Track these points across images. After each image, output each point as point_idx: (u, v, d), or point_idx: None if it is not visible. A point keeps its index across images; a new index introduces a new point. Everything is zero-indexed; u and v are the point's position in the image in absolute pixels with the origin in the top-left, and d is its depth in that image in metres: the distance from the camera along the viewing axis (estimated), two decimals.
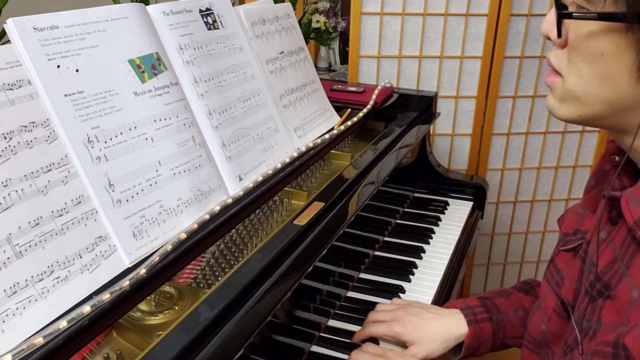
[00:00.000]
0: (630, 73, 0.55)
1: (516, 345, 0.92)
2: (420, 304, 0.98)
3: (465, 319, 0.91)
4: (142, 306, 0.74)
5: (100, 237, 0.66)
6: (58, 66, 0.67)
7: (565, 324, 0.71)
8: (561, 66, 0.61)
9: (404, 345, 0.92)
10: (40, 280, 0.59)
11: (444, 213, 1.38)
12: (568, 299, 0.70)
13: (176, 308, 0.75)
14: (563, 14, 0.58)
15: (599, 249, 0.64)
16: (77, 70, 0.68)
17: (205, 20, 0.93)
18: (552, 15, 0.60)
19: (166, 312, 0.74)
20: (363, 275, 1.12)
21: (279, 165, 0.97)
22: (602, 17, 0.54)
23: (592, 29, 0.56)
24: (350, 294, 1.07)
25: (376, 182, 1.07)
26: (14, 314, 0.56)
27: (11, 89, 0.62)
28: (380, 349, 0.88)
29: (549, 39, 0.62)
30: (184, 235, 0.74)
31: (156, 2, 0.90)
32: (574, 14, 0.57)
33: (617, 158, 0.68)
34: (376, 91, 1.35)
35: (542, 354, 0.78)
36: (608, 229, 0.65)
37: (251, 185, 0.89)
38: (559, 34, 0.60)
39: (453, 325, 0.91)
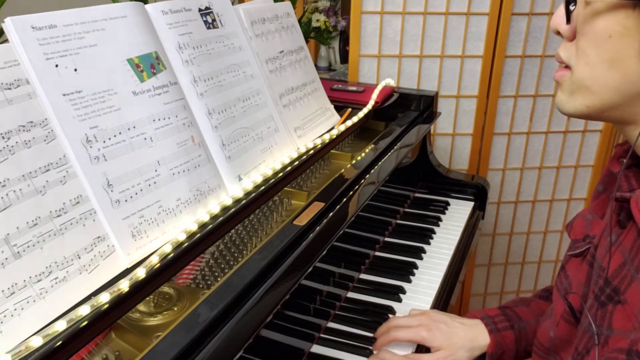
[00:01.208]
0: (638, 55, 0.55)
1: None
2: (439, 311, 0.97)
3: (486, 328, 0.90)
4: (141, 307, 0.74)
5: (98, 237, 0.66)
6: (56, 65, 0.66)
7: (573, 329, 0.71)
8: (570, 58, 0.61)
9: (409, 347, 0.91)
10: (39, 281, 0.59)
11: (444, 213, 1.38)
12: (575, 304, 0.70)
13: (175, 309, 0.75)
14: None
15: (610, 252, 0.63)
16: (75, 70, 0.68)
17: (204, 19, 0.92)
18: (562, 10, 0.61)
19: (165, 313, 0.74)
20: (363, 276, 1.11)
21: (279, 165, 0.97)
22: None
23: (599, 9, 0.56)
24: (351, 294, 1.06)
25: (376, 182, 1.07)
26: (12, 315, 0.56)
27: (9, 89, 0.61)
28: (398, 357, 0.87)
29: (558, 34, 0.62)
30: (183, 236, 0.74)
31: (155, 1, 0.90)
32: None
33: (625, 161, 0.67)
34: (376, 91, 1.35)
35: None
36: (616, 232, 0.64)
37: (251, 185, 0.89)
38: (568, 20, 0.60)
39: (479, 334, 0.90)
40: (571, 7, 0.60)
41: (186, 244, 0.73)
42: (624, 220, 0.63)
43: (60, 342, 0.56)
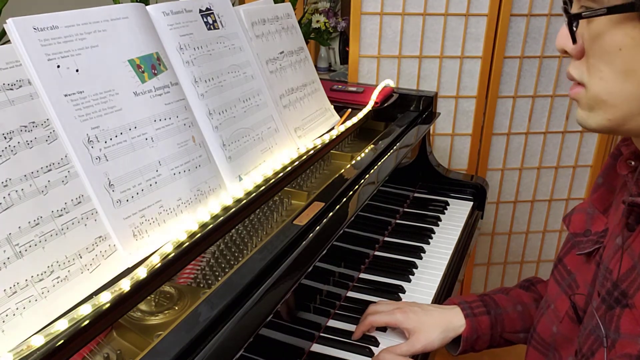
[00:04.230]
0: None
1: (517, 340, 0.92)
2: (420, 303, 0.99)
3: (463, 312, 0.91)
4: (142, 306, 0.74)
5: (100, 237, 0.66)
6: (58, 66, 0.67)
7: (576, 327, 0.71)
8: (582, 76, 0.60)
9: (402, 337, 0.92)
10: (40, 280, 0.59)
11: (444, 213, 1.38)
12: (580, 303, 0.70)
13: (176, 308, 0.75)
14: (573, 15, 0.58)
15: (622, 257, 0.63)
16: (77, 70, 0.68)
17: (205, 20, 0.93)
18: (565, 29, 0.60)
19: (166, 312, 0.74)
20: (363, 275, 1.12)
21: (279, 166, 0.97)
22: (611, 10, 0.54)
23: (605, 25, 0.56)
24: (351, 294, 1.07)
25: (376, 182, 1.07)
26: (14, 314, 0.56)
27: (11, 89, 0.62)
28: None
29: (565, 53, 0.62)
30: (184, 236, 0.74)
31: (156, 2, 0.90)
32: (583, 14, 0.57)
33: (632, 163, 0.67)
34: (376, 91, 1.35)
35: (549, 356, 0.77)
36: (625, 235, 0.64)
37: (251, 185, 0.89)
38: (574, 40, 0.59)
39: (453, 317, 0.91)
40: (575, 27, 0.59)
41: (187, 243, 0.73)
42: (633, 224, 0.63)
43: (62, 341, 0.56)
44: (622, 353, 0.59)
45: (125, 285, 0.63)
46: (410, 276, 1.12)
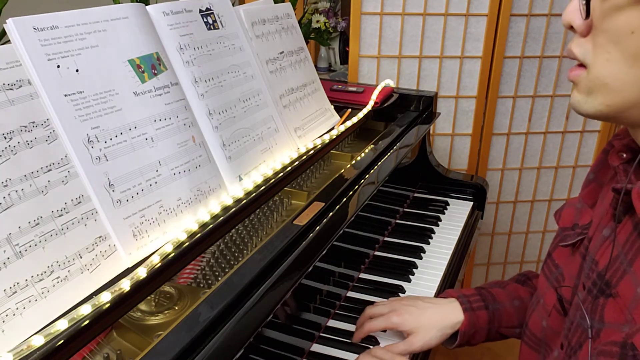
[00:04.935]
0: None
1: (512, 335, 0.92)
2: (415, 296, 0.98)
3: (461, 307, 0.91)
4: (142, 306, 0.74)
5: (100, 237, 0.66)
6: (58, 66, 0.67)
7: (564, 321, 0.71)
8: (586, 54, 0.58)
9: (402, 337, 0.92)
10: (40, 280, 0.59)
11: (444, 213, 1.38)
12: (568, 295, 0.70)
13: (176, 308, 0.75)
14: None
15: (613, 248, 0.63)
16: (77, 70, 0.68)
17: (205, 20, 0.93)
18: (575, 3, 0.58)
19: (166, 312, 0.74)
20: (363, 275, 1.12)
21: (279, 165, 0.97)
22: None
23: (621, 3, 0.53)
24: (351, 294, 1.07)
25: (376, 182, 1.07)
26: (14, 314, 0.56)
27: (11, 89, 0.62)
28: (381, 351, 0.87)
29: (570, 28, 0.59)
30: (184, 236, 0.74)
31: (156, 2, 0.90)
32: None
33: (624, 155, 0.66)
34: (376, 91, 1.35)
35: (541, 351, 0.78)
36: (611, 227, 0.64)
37: (251, 185, 0.89)
38: (588, 14, 0.56)
39: (450, 312, 0.91)
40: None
41: (187, 243, 0.73)
42: (620, 215, 0.63)
43: (62, 341, 0.56)
44: (607, 341, 0.59)
45: (125, 285, 0.63)
46: (410, 276, 1.12)
